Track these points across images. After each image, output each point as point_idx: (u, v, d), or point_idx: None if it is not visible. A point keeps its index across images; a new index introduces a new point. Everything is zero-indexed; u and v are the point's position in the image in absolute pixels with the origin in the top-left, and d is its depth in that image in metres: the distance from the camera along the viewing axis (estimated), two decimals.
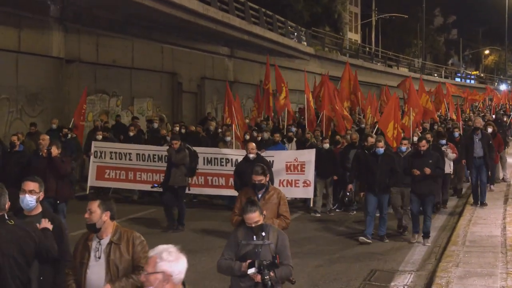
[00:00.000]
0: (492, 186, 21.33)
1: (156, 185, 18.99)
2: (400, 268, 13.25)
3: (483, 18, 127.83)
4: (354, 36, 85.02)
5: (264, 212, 7.90)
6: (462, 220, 16.97)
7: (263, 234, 7.63)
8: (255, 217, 7.55)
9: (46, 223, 7.59)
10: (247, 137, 21.47)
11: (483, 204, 18.83)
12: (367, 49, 76.39)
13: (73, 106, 25.90)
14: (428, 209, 15.32)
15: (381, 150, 15.51)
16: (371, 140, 16.71)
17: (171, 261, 5.19)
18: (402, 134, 19.64)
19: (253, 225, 7.58)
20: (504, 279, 11.42)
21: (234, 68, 38.99)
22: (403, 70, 75.99)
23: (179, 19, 29.22)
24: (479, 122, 19.81)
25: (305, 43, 51.29)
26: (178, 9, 28.14)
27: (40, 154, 14.44)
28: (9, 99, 23.93)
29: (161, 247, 5.31)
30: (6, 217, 7.08)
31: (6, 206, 7.15)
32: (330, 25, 68.71)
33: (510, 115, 39.63)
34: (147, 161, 20.10)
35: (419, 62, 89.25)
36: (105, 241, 6.93)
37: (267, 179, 9.76)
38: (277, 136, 20.78)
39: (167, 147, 18.46)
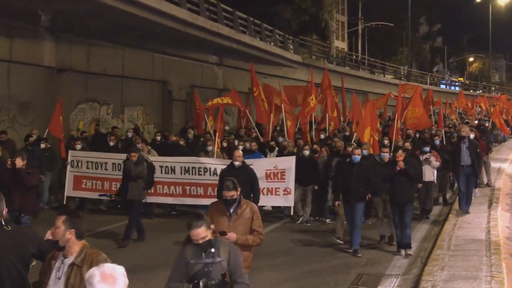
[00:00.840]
0: (476, 190, 21.09)
1: (108, 194, 18.91)
2: (387, 272, 13.33)
3: (467, 26, 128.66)
4: (341, 44, 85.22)
5: (212, 226, 7.35)
6: (447, 225, 17.08)
7: (213, 250, 7.04)
8: (201, 232, 6.95)
9: None
10: (224, 144, 21.20)
11: (467, 212, 18.54)
12: (354, 57, 76.53)
13: (65, 114, 25.84)
14: (408, 217, 14.90)
15: (358, 158, 15.22)
16: (348, 148, 16.33)
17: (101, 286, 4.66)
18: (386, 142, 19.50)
19: (200, 242, 6.98)
20: (488, 282, 11.49)
21: (223, 76, 38.95)
22: (389, 78, 76.09)
23: (169, 28, 29.22)
24: (465, 131, 19.34)
25: (292, 51, 51.32)
26: (168, 18, 28.13)
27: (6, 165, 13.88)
28: (1, 108, 23.85)
29: (93, 270, 4.82)
30: (3, 223, 7.09)
31: (4, 212, 7.17)
32: (317, 34, 68.79)
33: (490, 120, 39.65)
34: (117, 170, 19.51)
35: (405, 70, 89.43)
36: (68, 261, 6.39)
37: (239, 193, 8.98)
38: (253, 145, 20.34)
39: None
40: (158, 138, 22.97)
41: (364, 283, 12.62)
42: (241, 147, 20.30)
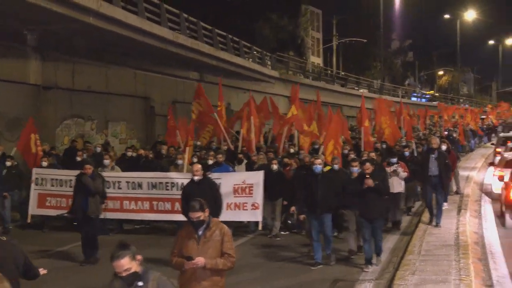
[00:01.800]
0: (446, 204, 20.48)
1: (65, 213, 17.26)
2: (361, 277, 13.36)
3: (437, 41, 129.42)
4: (316, 59, 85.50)
5: (139, 257, 6.43)
6: (418, 231, 17.11)
7: (140, 284, 6.26)
8: (124, 264, 6.14)
9: None
10: (195, 159, 19.79)
11: (437, 225, 17.73)
12: (329, 71, 76.85)
13: (50, 130, 25.92)
14: (378, 232, 14.21)
15: (319, 168, 14.47)
16: (316, 160, 15.29)
17: None
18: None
19: (124, 274, 6.18)
20: (457, 285, 11.60)
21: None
22: (363, 91, 76.40)
23: (151, 46, 29.28)
24: (436, 143, 18.77)
25: (270, 67, 51.49)
26: (150, 37, 28.22)
27: None
28: None
29: None
30: None
31: None
32: (294, 50, 69.18)
33: (457, 131, 39.67)
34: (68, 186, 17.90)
35: (378, 83, 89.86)
36: None
37: (207, 213, 8.11)
38: (220, 157, 18.93)
39: (102, 172, 17.51)
40: (129, 153, 21.97)
41: (349, 272, 12.95)
42: (211, 161, 19.18)
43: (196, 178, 14.14)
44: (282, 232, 18.34)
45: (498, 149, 35.68)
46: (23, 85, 25.40)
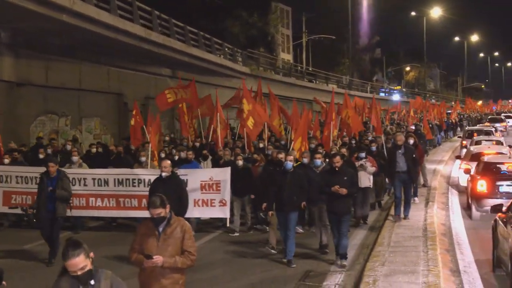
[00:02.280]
0: (416, 199, 20.69)
1: (24, 208, 15.81)
2: (332, 268, 13.42)
3: (404, 37, 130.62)
4: (286, 56, 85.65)
5: (91, 254, 5.93)
6: (387, 224, 17.18)
7: (92, 283, 5.83)
8: (79, 262, 5.73)
9: None
10: (162, 155, 19.33)
11: (406, 217, 17.66)
12: (299, 68, 76.97)
13: (23, 127, 25.72)
14: (344, 227, 13.62)
15: (290, 165, 14.06)
16: (279, 155, 15.23)
17: None
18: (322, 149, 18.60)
19: (79, 273, 5.75)
20: (425, 276, 11.69)
21: None
22: (333, 87, 76.60)
23: (123, 43, 29.18)
24: (401, 140, 18.20)
25: (241, 63, 51.50)
26: (122, 34, 28.10)
27: None
28: None
29: None
30: None
31: None
32: (264, 46, 69.16)
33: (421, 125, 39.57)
34: (31, 184, 17.09)
35: (347, 79, 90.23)
36: None
37: (167, 210, 7.72)
38: (190, 154, 18.23)
39: (70, 168, 17.29)
40: (94, 150, 21.37)
41: (311, 279, 12.73)
42: (176, 157, 18.80)
43: (164, 174, 13.70)
44: (257, 226, 17.97)
45: (464, 142, 36.29)
46: None
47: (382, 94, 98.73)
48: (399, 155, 17.72)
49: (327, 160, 15.94)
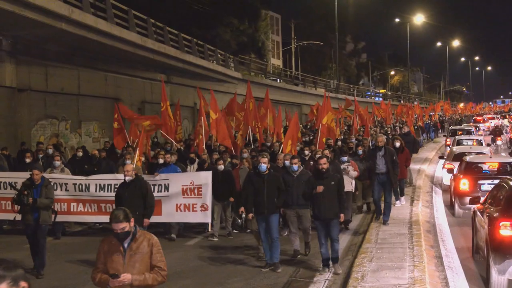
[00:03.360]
0: (402, 199, 20.08)
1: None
2: (316, 274, 13.24)
3: (389, 43, 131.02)
4: (276, 61, 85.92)
5: (24, 285, 4.62)
6: (374, 222, 17.19)
7: None
8: None
9: None
10: (142, 159, 18.35)
11: (385, 223, 16.70)
12: (288, 72, 77.09)
13: (24, 130, 25.76)
14: (334, 233, 12.81)
15: (264, 167, 13.23)
16: (262, 159, 13.62)
17: None
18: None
19: None
20: (411, 271, 11.74)
21: (171, 92, 38.79)
22: (320, 91, 76.80)
23: (120, 50, 29.20)
24: (382, 141, 17.69)
25: (233, 68, 51.54)
26: (119, 41, 28.11)
27: None
28: None
29: None
30: None
31: None
32: (255, 52, 69.27)
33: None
34: (13, 190, 14.56)
35: (334, 83, 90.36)
36: None
37: (132, 224, 6.91)
38: (168, 157, 17.26)
39: (52, 173, 16.65)
40: (79, 154, 20.63)
41: (302, 275, 12.74)
42: (161, 160, 17.51)
43: (127, 178, 12.89)
44: (235, 231, 17.29)
45: (448, 141, 37.18)
46: None
47: (368, 98, 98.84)
48: (379, 156, 17.20)
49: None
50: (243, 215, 15.75)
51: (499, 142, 44.79)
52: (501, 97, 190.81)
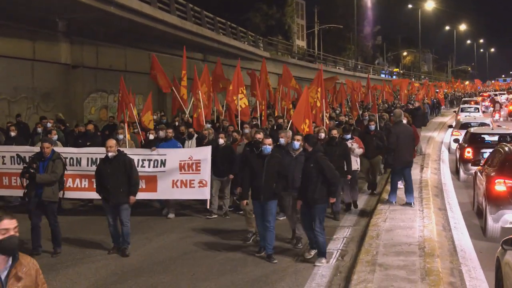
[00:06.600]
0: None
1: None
2: (341, 224, 13.35)
3: (402, 26, 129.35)
4: (301, 43, 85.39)
5: None
6: (386, 188, 16.81)
7: None
8: None
9: None
10: (151, 136, 15.87)
11: (390, 202, 14.61)
12: (311, 52, 76.62)
13: (78, 102, 26.01)
14: (317, 220, 10.14)
15: (268, 149, 10.63)
16: (257, 135, 11.20)
17: None
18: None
19: None
20: (421, 231, 11.68)
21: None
22: (340, 69, 76.33)
23: (162, 31, 29.22)
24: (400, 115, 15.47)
25: (262, 48, 51.33)
26: (161, 23, 28.15)
27: None
28: (27, 97, 23.79)
29: None
30: None
31: None
32: (281, 34, 68.90)
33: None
34: (23, 164, 11.67)
35: (352, 63, 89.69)
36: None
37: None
38: (170, 132, 14.89)
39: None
40: (82, 129, 17.16)
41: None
42: (152, 136, 15.71)
43: (110, 154, 11.06)
44: (230, 210, 14.74)
45: (459, 115, 38.11)
46: (55, 64, 25.41)
47: (382, 75, 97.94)
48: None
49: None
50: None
51: (496, 117, 43.95)
52: (503, 76, 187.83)
